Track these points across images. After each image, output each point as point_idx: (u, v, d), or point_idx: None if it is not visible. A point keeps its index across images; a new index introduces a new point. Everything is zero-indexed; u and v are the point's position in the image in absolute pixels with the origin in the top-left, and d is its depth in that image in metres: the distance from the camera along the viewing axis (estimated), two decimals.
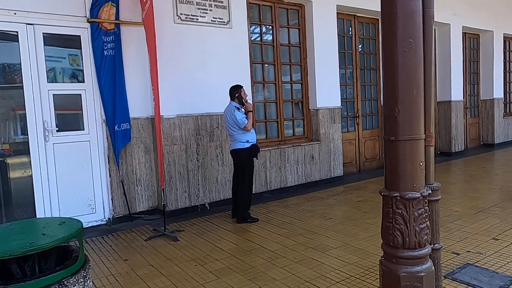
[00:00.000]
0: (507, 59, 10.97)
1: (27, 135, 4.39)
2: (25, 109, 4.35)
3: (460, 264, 3.17)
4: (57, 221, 1.91)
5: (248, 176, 4.70)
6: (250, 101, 4.87)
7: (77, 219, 1.92)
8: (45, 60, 4.46)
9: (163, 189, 4.67)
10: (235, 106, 4.61)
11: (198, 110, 5.26)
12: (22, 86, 4.32)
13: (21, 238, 1.70)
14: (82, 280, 1.73)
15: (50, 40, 4.53)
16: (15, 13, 4.21)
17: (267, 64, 6.27)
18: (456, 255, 3.35)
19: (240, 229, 4.47)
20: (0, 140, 4.49)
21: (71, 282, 1.67)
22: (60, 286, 1.63)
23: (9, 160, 4.59)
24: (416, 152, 1.92)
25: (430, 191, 2.01)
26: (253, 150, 4.65)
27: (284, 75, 6.46)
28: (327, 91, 6.66)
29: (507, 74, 11.05)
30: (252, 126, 4.70)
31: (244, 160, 4.64)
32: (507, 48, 10.93)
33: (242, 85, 4.73)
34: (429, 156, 2.17)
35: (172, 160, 5.07)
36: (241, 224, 4.60)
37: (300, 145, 6.38)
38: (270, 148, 6.03)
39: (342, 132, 6.99)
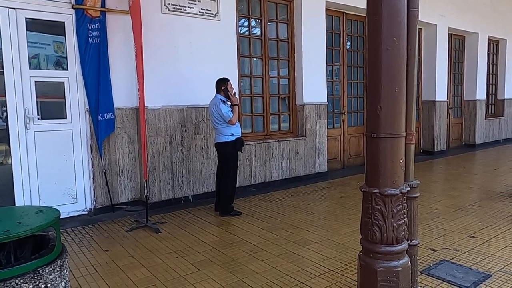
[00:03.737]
0: (491, 61, 11.20)
1: (8, 122, 4.29)
2: (5, 96, 4.25)
3: (437, 260, 3.24)
4: (34, 210, 1.88)
5: (232, 169, 4.70)
6: (236, 95, 4.85)
7: (54, 208, 1.89)
8: (28, 46, 4.35)
9: (146, 180, 4.63)
10: (221, 99, 4.59)
11: (184, 102, 5.22)
12: (3, 72, 4.22)
13: None
14: (58, 269, 1.71)
15: (33, 25, 4.42)
16: None
17: (255, 58, 6.26)
18: (433, 252, 3.42)
19: (223, 222, 4.47)
20: None
21: (47, 271, 1.65)
22: (36, 275, 1.61)
23: None
24: (397, 149, 1.95)
25: (409, 188, 2.05)
26: (238, 144, 4.64)
27: (271, 69, 6.45)
28: (313, 87, 6.68)
29: (490, 76, 11.28)
30: (238, 120, 4.69)
31: (228, 153, 4.64)
32: (491, 51, 11.14)
33: (229, 78, 4.71)
34: (409, 154, 2.21)
35: (156, 152, 5.03)
36: (224, 217, 4.61)
37: (285, 140, 6.40)
38: (256, 142, 6.03)
39: (327, 128, 7.04)
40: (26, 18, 4.30)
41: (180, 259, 3.40)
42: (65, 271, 1.77)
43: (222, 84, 4.64)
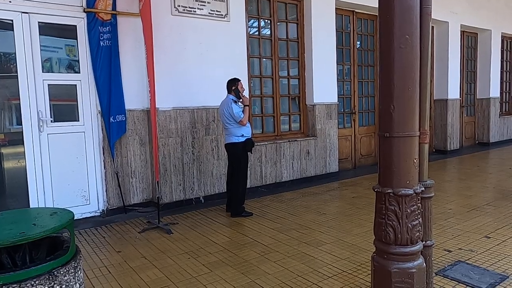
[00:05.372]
0: (505, 58, 11.00)
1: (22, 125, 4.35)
2: (19, 99, 4.31)
3: (452, 261, 3.19)
4: (48, 212, 1.90)
5: (242, 170, 4.69)
6: (246, 95, 4.85)
7: (68, 210, 1.91)
8: (41, 49, 4.41)
9: (157, 181, 4.66)
10: (232, 99, 4.59)
11: (194, 103, 5.24)
12: (17, 75, 4.28)
13: (12, 228, 1.68)
14: (72, 270, 1.72)
15: (46, 29, 4.48)
16: (10, 1, 4.16)
17: (265, 58, 6.25)
18: (448, 252, 3.37)
19: (234, 223, 4.47)
20: None
21: (62, 272, 1.66)
22: (50, 277, 1.62)
23: (4, 150, 4.57)
24: (410, 149, 1.92)
25: (423, 188, 2.02)
26: (248, 145, 4.64)
27: (281, 69, 6.44)
28: (324, 86, 6.65)
29: (504, 73, 11.08)
30: (248, 121, 4.69)
31: (238, 154, 4.63)
32: (505, 47, 10.95)
33: (239, 79, 4.72)
34: (423, 153, 2.18)
35: (167, 153, 5.05)
36: (235, 218, 4.61)
37: (296, 141, 6.38)
38: (266, 143, 6.02)
39: (338, 128, 7.00)
40: (39, 22, 4.36)
41: (192, 260, 3.40)
42: (79, 272, 1.79)
43: (232, 84, 4.64)
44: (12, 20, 4.21)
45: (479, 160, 8.37)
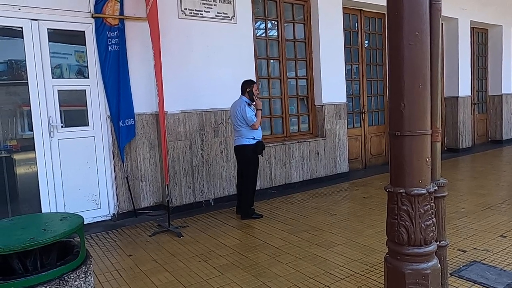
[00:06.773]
0: None
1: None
2: (30, 105, 4.35)
3: (467, 261, 3.13)
4: (58, 217, 1.90)
5: (252, 172, 4.67)
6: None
7: (78, 215, 1.91)
8: (50, 56, 4.45)
9: (167, 185, 4.66)
10: (246, 102, 4.56)
11: (203, 105, 5.24)
12: (27, 82, 4.33)
13: (22, 233, 1.69)
14: (83, 275, 1.72)
15: (55, 36, 4.52)
16: (19, 9, 4.21)
17: (272, 59, 6.23)
18: (462, 252, 3.31)
19: (245, 225, 4.46)
20: (8, 136, 4.51)
21: (72, 277, 1.66)
22: (61, 282, 1.62)
23: (16, 156, 4.61)
24: (422, 147, 1.88)
25: (436, 188, 1.98)
26: (259, 147, 4.60)
27: (289, 70, 6.41)
28: (332, 86, 6.61)
29: None
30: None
31: (248, 156, 4.61)
32: None
33: (255, 81, 4.68)
34: (435, 151, 2.14)
35: (177, 156, 5.06)
36: (246, 220, 4.59)
37: (305, 141, 6.34)
38: (275, 144, 5.99)
39: (347, 128, 6.94)
40: (48, 29, 4.41)
41: (203, 263, 3.39)
42: (89, 277, 1.79)
43: (247, 86, 4.59)
44: (21, 27, 4.26)
45: (492, 158, 8.23)
